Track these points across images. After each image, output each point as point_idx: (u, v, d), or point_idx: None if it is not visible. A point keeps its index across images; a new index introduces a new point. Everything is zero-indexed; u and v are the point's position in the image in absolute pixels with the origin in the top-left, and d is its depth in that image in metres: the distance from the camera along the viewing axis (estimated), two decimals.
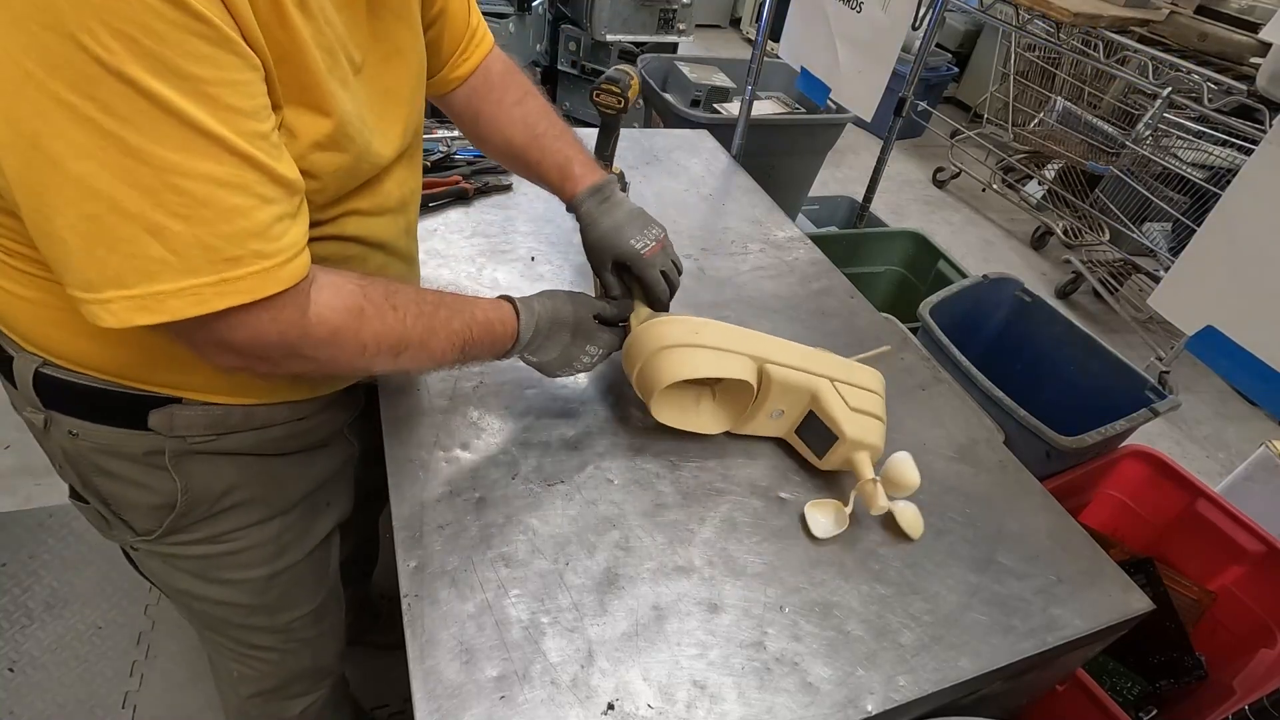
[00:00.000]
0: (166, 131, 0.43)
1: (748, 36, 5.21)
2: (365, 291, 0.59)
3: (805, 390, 0.80)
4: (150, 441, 0.65)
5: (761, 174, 1.51)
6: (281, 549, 0.80)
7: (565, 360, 0.77)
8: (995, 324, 1.69)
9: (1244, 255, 0.92)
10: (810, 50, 1.77)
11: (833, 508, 0.78)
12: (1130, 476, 1.36)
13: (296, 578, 0.84)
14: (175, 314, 0.47)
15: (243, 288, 0.48)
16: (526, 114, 0.87)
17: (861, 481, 0.77)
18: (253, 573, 0.79)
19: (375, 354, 0.60)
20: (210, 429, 0.67)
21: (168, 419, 0.65)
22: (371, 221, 0.68)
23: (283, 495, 0.78)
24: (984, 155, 3.61)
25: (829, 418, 0.78)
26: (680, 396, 0.82)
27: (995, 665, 0.68)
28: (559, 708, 0.59)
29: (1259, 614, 1.21)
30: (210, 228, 0.46)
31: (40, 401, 0.63)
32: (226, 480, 0.71)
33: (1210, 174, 2.47)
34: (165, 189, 0.44)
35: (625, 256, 0.81)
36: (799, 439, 0.84)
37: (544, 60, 2.79)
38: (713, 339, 0.77)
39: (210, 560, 0.76)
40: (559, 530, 0.72)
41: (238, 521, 0.75)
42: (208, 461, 0.69)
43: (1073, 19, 2.71)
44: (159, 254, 0.45)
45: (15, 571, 1.49)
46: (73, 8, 0.38)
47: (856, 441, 0.78)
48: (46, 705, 1.31)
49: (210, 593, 0.79)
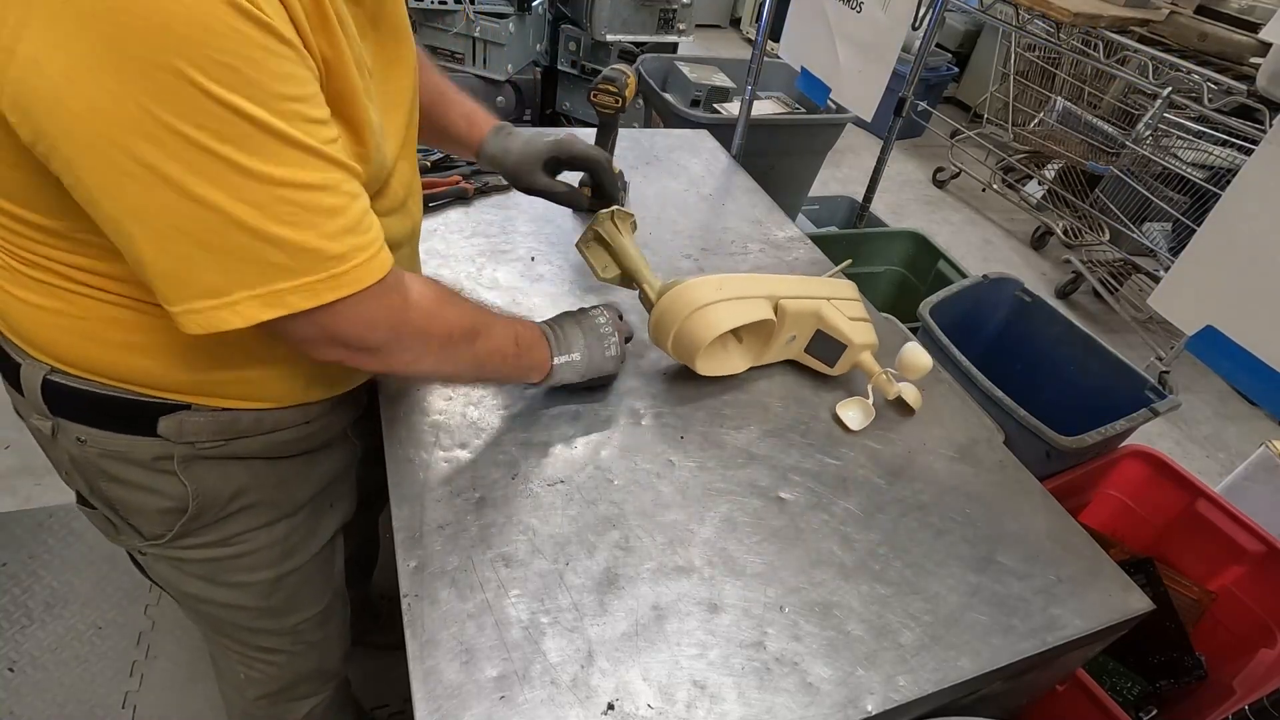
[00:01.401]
0: (269, 149, 0.47)
1: (748, 36, 5.21)
2: (433, 283, 0.65)
3: (813, 314, 0.92)
4: (159, 448, 0.66)
5: (761, 174, 1.51)
6: (288, 551, 0.81)
7: (595, 335, 0.82)
8: (995, 324, 1.69)
9: (1244, 255, 0.92)
10: (810, 50, 1.77)
11: (858, 403, 0.92)
12: (1130, 476, 1.36)
13: (303, 580, 0.84)
14: (293, 307, 0.51)
15: (348, 280, 0.53)
16: (428, 78, 0.89)
17: (875, 375, 0.92)
18: (260, 575, 0.79)
19: (457, 338, 0.65)
20: (219, 434, 0.67)
21: (177, 425, 0.65)
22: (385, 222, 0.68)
23: (290, 498, 0.78)
24: (984, 155, 3.61)
25: (836, 331, 0.91)
26: (712, 347, 0.87)
27: (995, 665, 0.68)
28: (559, 708, 0.59)
29: (1259, 614, 1.21)
30: (316, 230, 0.50)
31: (48, 409, 0.63)
32: (235, 484, 0.72)
33: (1210, 174, 2.47)
34: (274, 201, 0.48)
35: (551, 148, 0.93)
36: (809, 356, 0.96)
37: (544, 60, 2.79)
38: (735, 290, 0.86)
39: (218, 563, 0.76)
40: (559, 530, 0.72)
41: (246, 524, 0.75)
42: (217, 466, 0.69)
43: (1073, 19, 2.71)
44: (278, 259, 0.50)
45: (15, 571, 1.49)
46: (179, 45, 0.42)
47: (861, 344, 0.92)
48: (46, 705, 1.31)
49: (218, 595, 0.80)
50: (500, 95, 2.69)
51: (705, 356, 0.86)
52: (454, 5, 2.38)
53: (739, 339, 0.93)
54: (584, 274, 1.07)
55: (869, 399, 0.92)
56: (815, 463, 0.85)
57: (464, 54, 2.50)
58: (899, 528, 0.79)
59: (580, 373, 0.81)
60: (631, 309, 1.03)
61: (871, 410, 0.91)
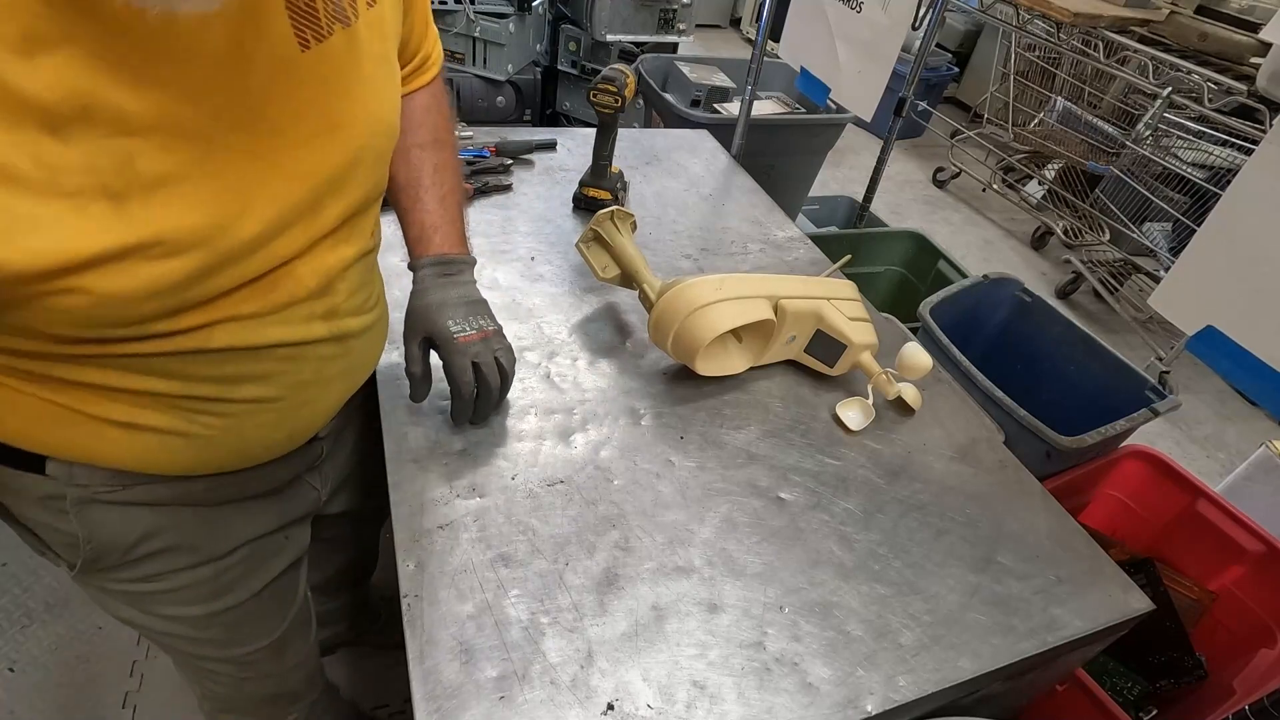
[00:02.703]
0: None
1: (748, 36, 5.21)
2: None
3: (813, 314, 0.92)
4: (49, 486, 0.59)
5: (761, 174, 1.51)
6: (220, 590, 0.73)
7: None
8: (995, 324, 1.69)
9: (1244, 255, 0.92)
10: (810, 50, 1.76)
11: (858, 403, 0.92)
12: (1130, 476, 1.36)
13: (244, 615, 0.77)
14: None
15: None
16: (421, 159, 0.78)
17: (875, 375, 0.92)
18: (191, 610, 0.72)
19: None
20: (113, 481, 0.60)
21: (66, 471, 0.58)
22: (260, 323, 0.55)
23: (215, 542, 0.70)
24: (984, 155, 3.61)
25: (836, 331, 0.91)
26: (712, 347, 0.87)
27: (995, 665, 0.68)
28: (559, 708, 0.59)
29: (1259, 614, 1.21)
30: None
31: None
32: (140, 528, 0.64)
33: (1210, 174, 2.47)
34: None
35: (435, 334, 0.74)
36: (809, 356, 0.96)
37: (544, 60, 2.79)
38: (735, 290, 0.86)
39: (141, 597, 0.70)
40: (559, 530, 0.72)
41: (162, 566, 0.67)
42: (116, 511, 0.62)
43: (1073, 19, 2.71)
44: None
45: (15, 571, 1.49)
46: None
47: (861, 345, 0.92)
48: (46, 705, 1.31)
49: (151, 624, 0.73)
50: (500, 95, 2.69)
51: (705, 356, 0.86)
52: (454, 5, 2.38)
53: (739, 339, 0.93)
54: (584, 274, 1.07)
55: (869, 399, 0.92)
56: (815, 463, 0.85)
57: (464, 54, 2.51)
58: (899, 528, 0.79)
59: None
60: (631, 309, 1.03)
61: (871, 410, 0.91)
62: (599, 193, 1.22)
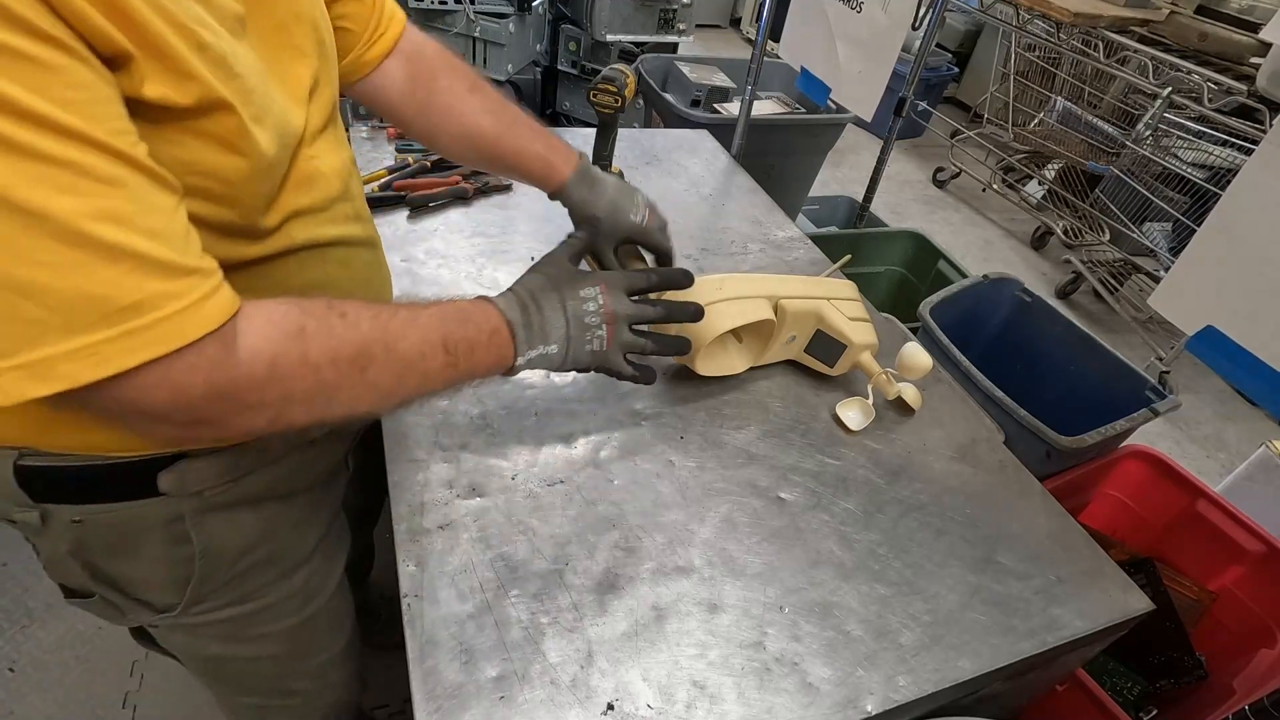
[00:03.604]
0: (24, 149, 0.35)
1: (748, 36, 5.21)
2: (302, 306, 0.49)
3: (813, 314, 0.91)
4: (168, 507, 0.59)
5: (761, 174, 1.51)
6: (310, 595, 0.77)
7: (580, 324, 0.67)
8: (995, 324, 1.69)
9: (1244, 255, 0.92)
10: (810, 50, 1.76)
11: (858, 403, 0.92)
12: (1130, 476, 1.36)
13: (327, 618, 0.81)
14: (72, 380, 0.38)
15: (153, 337, 0.39)
16: (488, 102, 0.78)
17: (875, 375, 0.92)
18: (284, 623, 0.75)
19: (335, 375, 0.50)
20: (225, 475, 0.61)
21: (179, 478, 0.58)
22: (318, 219, 0.60)
23: (303, 541, 0.74)
24: (984, 155, 3.61)
25: (836, 331, 0.91)
26: (712, 347, 0.87)
27: (995, 665, 0.68)
28: (559, 708, 0.59)
29: (1259, 614, 1.21)
30: (90, 274, 0.37)
31: (29, 496, 0.56)
32: (245, 537, 0.67)
33: (1210, 174, 2.47)
34: (19, 234, 0.35)
35: (633, 233, 0.83)
36: (809, 356, 0.95)
37: (544, 60, 2.79)
38: (735, 290, 0.86)
39: (237, 622, 0.71)
40: (559, 530, 0.72)
41: (260, 579, 0.71)
42: (227, 518, 0.64)
43: (1073, 19, 2.71)
44: (37, 314, 0.37)
45: (15, 571, 1.49)
46: None
47: (861, 345, 0.92)
48: (46, 705, 1.31)
49: (242, 651, 0.75)
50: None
51: (705, 357, 0.86)
52: (454, 5, 2.38)
53: (739, 339, 0.93)
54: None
55: (869, 399, 0.92)
56: (815, 463, 0.85)
57: (464, 54, 2.51)
58: (899, 528, 0.79)
59: (555, 365, 0.68)
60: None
61: (871, 410, 0.91)
62: None
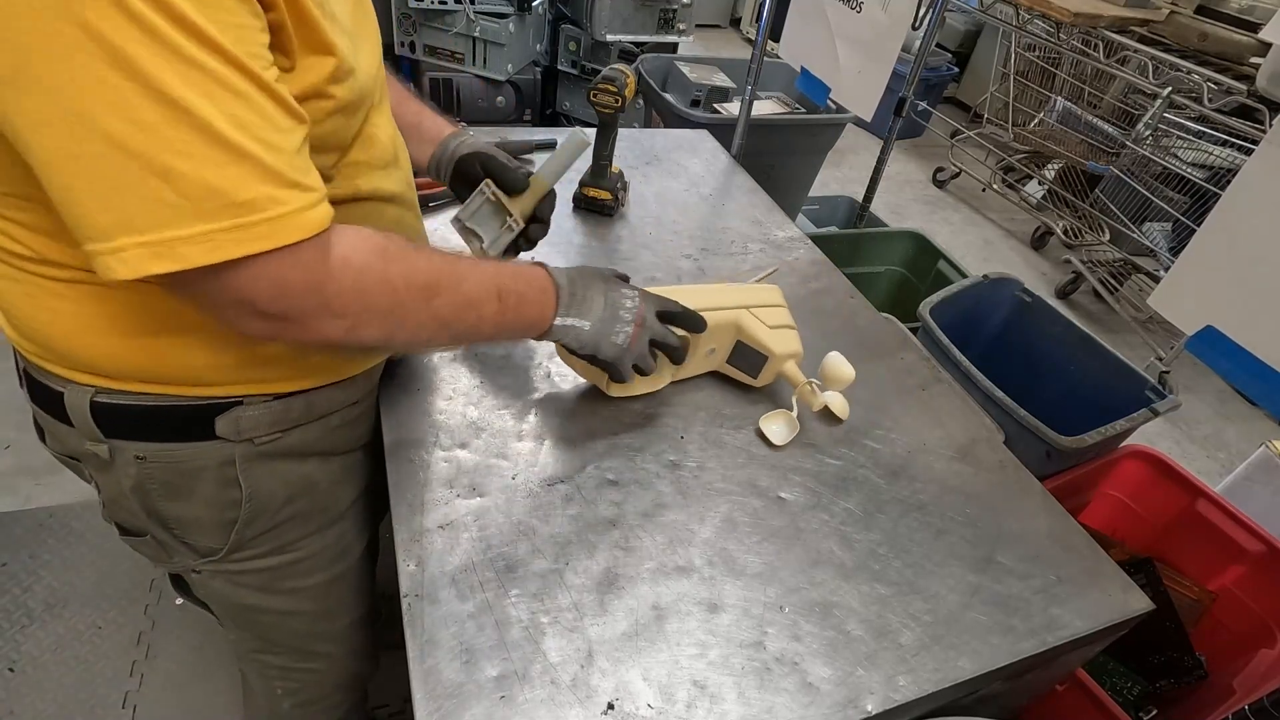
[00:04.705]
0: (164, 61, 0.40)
1: (748, 36, 5.21)
2: (387, 235, 0.57)
3: (731, 324, 0.87)
4: (220, 451, 0.65)
5: (761, 174, 1.51)
6: (341, 552, 0.82)
7: (614, 315, 0.73)
8: (995, 324, 1.69)
9: (1244, 255, 0.92)
10: (810, 50, 1.77)
11: (782, 416, 0.87)
12: (1130, 476, 1.36)
13: (356, 577, 0.86)
14: (189, 261, 0.44)
15: (258, 233, 0.45)
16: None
17: (799, 386, 0.87)
18: (316, 578, 0.80)
19: (408, 297, 0.57)
20: (275, 425, 0.67)
21: (234, 423, 0.64)
22: (378, 175, 0.66)
23: (338, 499, 0.79)
24: (984, 155, 3.61)
25: (756, 341, 0.87)
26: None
27: (995, 665, 0.68)
28: (559, 708, 0.59)
29: (1259, 614, 1.21)
30: (218, 170, 0.43)
31: (101, 432, 0.62)
32: (289, 486, 0.71)
33: (1210, 174, 2.47)
34: (166, 124, 0.41)
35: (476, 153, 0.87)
36: (731, 367, 0.91)
37: (544, 60, 2.79)
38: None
39: (275, 571, 0.76)
40: (559, 530, 0.72)
41: (298, 531, 0.75)
42: (273, 467, 0.69)
43: (1073, 19, 2.71)
44: (170, 198, 0.42)
45: (15, 571, 1.49)
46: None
47: (783, 354, 0.88)
48: (46, 705, 1.31)
49: (275, 604, 0.80)
50: (500, 95, 2.69)
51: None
52: (454, 5, 2.38)
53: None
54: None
55: (794, 411, 0.87)
56: (815, 463, 0.85)
57: (464, 54, 2.51)
58: (899, 528, 0.79)
59: (581, 343, 0.73)
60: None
61: (796, 423, 0.87)
62: (599, 193, 1.22)
